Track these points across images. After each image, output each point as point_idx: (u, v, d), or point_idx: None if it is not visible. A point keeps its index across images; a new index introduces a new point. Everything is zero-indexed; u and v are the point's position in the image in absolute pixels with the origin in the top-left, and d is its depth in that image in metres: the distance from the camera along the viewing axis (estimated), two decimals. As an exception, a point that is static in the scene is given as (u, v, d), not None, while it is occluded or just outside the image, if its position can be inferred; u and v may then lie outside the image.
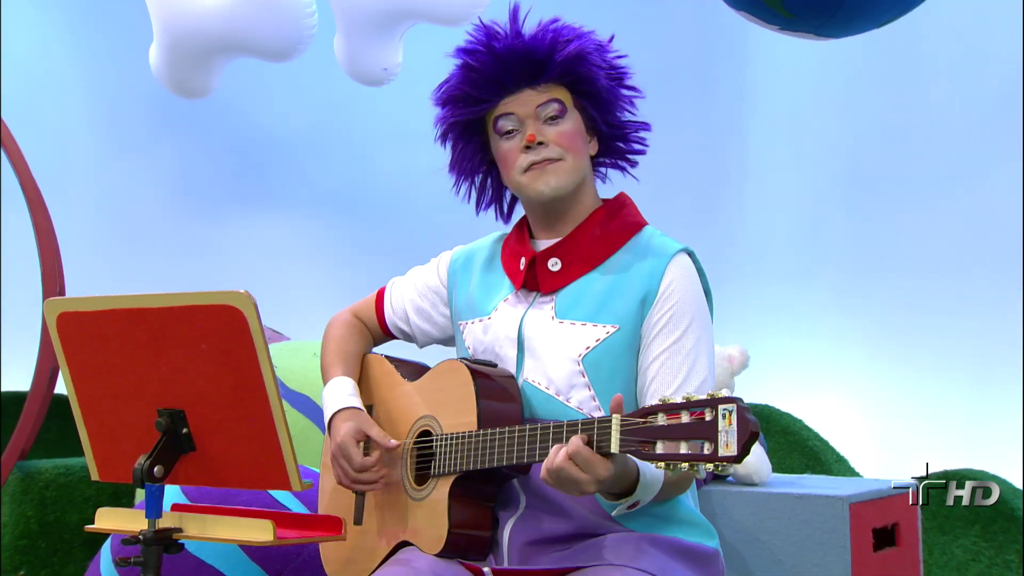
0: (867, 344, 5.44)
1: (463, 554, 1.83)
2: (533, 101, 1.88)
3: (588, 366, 1.81)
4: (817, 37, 2.91)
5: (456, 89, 1.93)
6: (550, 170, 1.86)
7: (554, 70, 1.87)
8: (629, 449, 1.49)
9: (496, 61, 1.87)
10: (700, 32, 5.64)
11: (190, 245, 6.20)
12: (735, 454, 1.39)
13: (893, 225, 5.53)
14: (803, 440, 4.37)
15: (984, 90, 5.30)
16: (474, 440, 1.77)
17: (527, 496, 1.84)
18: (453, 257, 2.10)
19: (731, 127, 5.89)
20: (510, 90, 1.89)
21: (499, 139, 1.91)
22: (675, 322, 1.80)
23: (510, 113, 1.89)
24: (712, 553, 1.84)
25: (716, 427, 1.40)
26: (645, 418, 1.48)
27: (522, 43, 1.87)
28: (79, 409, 1.85)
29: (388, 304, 2.13)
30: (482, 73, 1.88)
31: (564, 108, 1.88)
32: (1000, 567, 3.66)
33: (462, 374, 1.84)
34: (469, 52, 1.91)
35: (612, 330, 1.81)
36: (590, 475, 1.54)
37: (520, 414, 1.84)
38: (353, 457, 1.89)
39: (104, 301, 1.76)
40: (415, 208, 6.19)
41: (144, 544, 1.71)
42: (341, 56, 3.91)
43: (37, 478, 3.91)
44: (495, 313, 1.94)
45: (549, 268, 1.89)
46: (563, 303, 1.87)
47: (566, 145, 1.87)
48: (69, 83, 6.09)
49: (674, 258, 1.84)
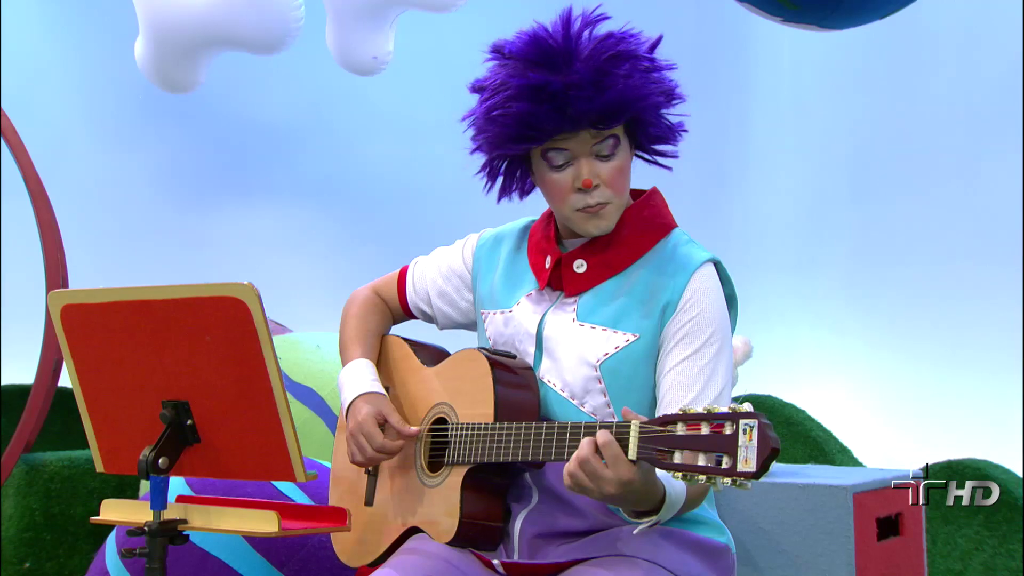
0: (870, 334, 5.44)
1: (473, 544, 1.83)
2: (590, 142, 1.81)
3: (605, 372, 1.80)
4: (820, 28, 2.91)
5: (511, 127, 1.80)
6: (601, 214, 1.83)
7: (620, 120, 1.80)
8: (647, 456, 1.48)
9: (562, 115, 1.76)
10: (703, 23, 5.64)
11: (186, 237, 6.21)
12: (754, 470, 1.37)
13: (895, 215, 5.53)
14: (806, 431, 4.37)
15: (986, 80, 5.29)
16: (490, 433, 1.77)
17: (540, 492, 1.84)
18: (480, 242, 2.07)
19: (734, 117, 5.88)
20: (570, 129, 1.79)
21: (547, 167, 1.84)
22: (695, 334, 1.78)
23: (564, 149, 1.82)
24: (722, 548, 1.84)
25: (736, 441, 1.39)
26: (664, 426, 1.47)
27: (591, 99, 1.75)
28: (83, 401, 1.86)
29: (411, 284, 2.11)
30: (546, 122, 1.78)
31: (618, 142, 1.83)
32: (1004, 556, 3.66)
33: (481, 364, 1.84)
34: (532, 90, 1.76)
35: (632, 338, 1.80)
36: (613, 473, 1.53)
37: (537, 407, 1.83)
38: (375, 436, 1.87)
39: (108, 293, 1.76)
40: (408, 196, 6.20)
41: (149, 535, 1.71)
42: (332, 45, 3.89)
43: (42, 471, 3.91)
44: (516, 308, 1.93)
45: (574, 270, 1.87)
46: (585, 306, 1.85)
47: (617, 187, 1.83)
48: (63, 76, 6.09)
49: (698, 270, 1.82)
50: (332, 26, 3.85)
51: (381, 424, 1.90)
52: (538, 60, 1.78)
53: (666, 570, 1.75)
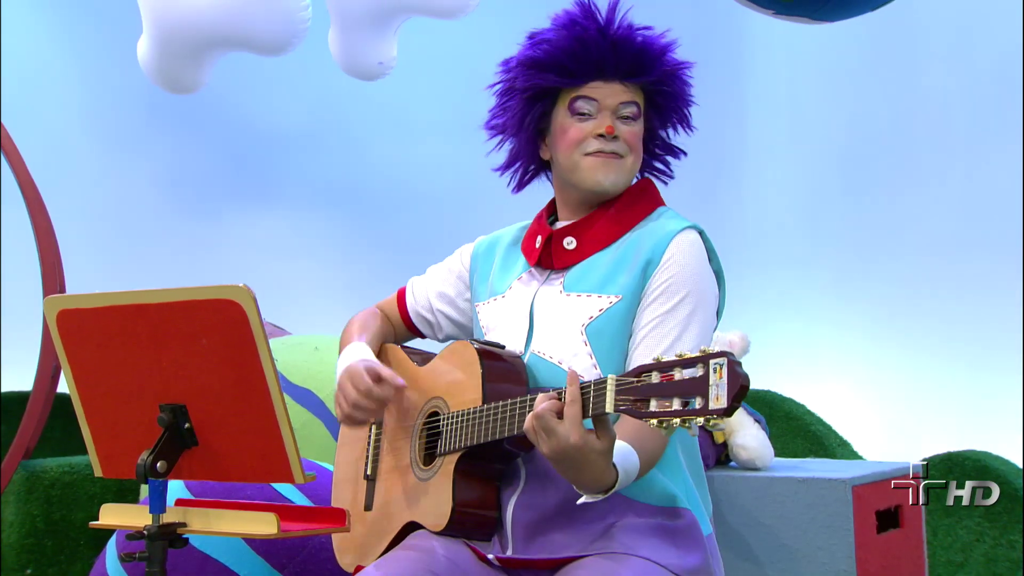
0: (868, 328, 5.45)
1: (467, 533, 1.84)
2: (619, 96, 1.89)
3: (591, 335, 1.83)
4: (812, 21, 2.91)
5: (554, 53, 1.89)
6: (614, 165, 1.88)
7: (654, 73, 1.89)
8: (624, 408, 1.49)
9: (608, 45, 1.86)
10: (696, 18, 5.63)
11: (188, 242, 6.20)
12: (724, 407, 1.38)
13: (892, 209, 5.53)
14: (806, 425, 4.38)
15: (981, 71, 5.29)
16: (477, 415, 1.78)
17: (528, 473, 1.84)
18: (476, 246, 2.13)
19: (729, 113, 5.88)
20: (604, 77, 1.88)
21: (570, 117, 1.90)
22: (671, 292, 1.81)
23: (593, 99, 1.89)
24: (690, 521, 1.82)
25: (707, 381, 1.40)
26: (639, 377, 1.48)
27: (635, 38, 1.87)
28: (81, 406, 1.86)
29: (411, 295, 2.16)
30: (589, 50, 1.86)
31: (639, 112, 1.91)
32: (1004, 547, 3.66)
33: (469, 354, 1.86)
34: (581, 22, 1.88)
35: (615, 300, 1.83)
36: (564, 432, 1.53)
37: (525, 392, 1.83)
38: (362, 377, 1.88)
39: (104, 298, 1.76)
40: (413, 201, 6.20)
41: (149, 539, 1.71)
42: (335, 51, 3.89)
43: (42, 477, 3.91)
44: (509, 292, 1.98)
45: (564, 246, 1.92)
46: (572, 278, 1.89)
47: (634, 145, 1.90)
48: (63, 81, 6.09)
49: (680, 232, 1.85)
50: (336, 32, 3.85)
51: (372, 376, 1.89)
52: (583, 16, 1.89)
53: (661, 567, 1.75)
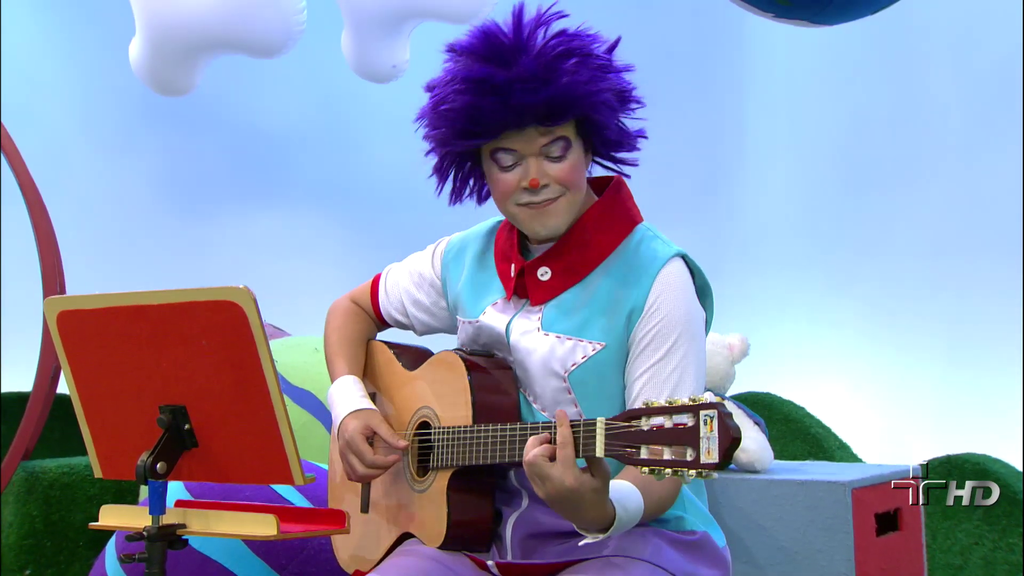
0: (867, 330, 5.45)
1: (465, 545, 1.84)
2: (538, 141, 1.77)
3: (574, 383, 1.79)
4: (812, 24, 2.92)
5: (455, 119, 1.77)
6: (549, 211, 1.79)
7: (569, 116, 1.75)
8: (614, 453, 1.48)
9: (505, 107, 1.72)
10: (696, 21, 5.64)
11: (187, 242, 6.20)
12: (716, 462, 1.38)
13: (891, 210, 5.53)
14: (805, 427, 4.37)
15: (981, 72, 5.30)
16: (469, 436, 1.77)
17: (529, 495, 1.84)
18: (447, 248, 2.05)
19: (728, 115, 5.89)
20: (518, 126, 1.75)
21: (495, 168, 1.81)
22: (661, 338, 1.76)
23: (512, 150, 1.78)
24: (702, 536, 1.83)
25: (698, 433, 1.40)
26: (629, 422, 1.47)
27: (536, 91, 1.71)
28: (81, 407, 1.86)
29: (383, 293, 2.10)
30: (486, 115, 1.74)
31: (569, 144, 1.78)
32: (1003, 551, 3.66)
33: (457, 367, 1.84)
34: (476, 75, 1.74)
35: (599, 347, 1.78)
36: (560, 475, 1.52)
37: (516, 406, 1.83)
38: (364, 454, 1.88)
39: (104, 299, 1.76)
40: (411, 201, 6.18)
41: (148, 540, 1.71)
42: (349, 54, 3.88)
43: (41, 478, 3.91)
44: (483, 317, 1.91)
45: (539, 277, 1.85)
46: (550, 316, 1.83)
47: (568, 183, 1.78)
48: (61, 82, 6.08)
49: (662, 270, 1.79)
50: (350, 35, 3.83)
51: (369, 438, 1.90)
52: (486, 55, 1.76)
53: (663, 570, 1.75)
